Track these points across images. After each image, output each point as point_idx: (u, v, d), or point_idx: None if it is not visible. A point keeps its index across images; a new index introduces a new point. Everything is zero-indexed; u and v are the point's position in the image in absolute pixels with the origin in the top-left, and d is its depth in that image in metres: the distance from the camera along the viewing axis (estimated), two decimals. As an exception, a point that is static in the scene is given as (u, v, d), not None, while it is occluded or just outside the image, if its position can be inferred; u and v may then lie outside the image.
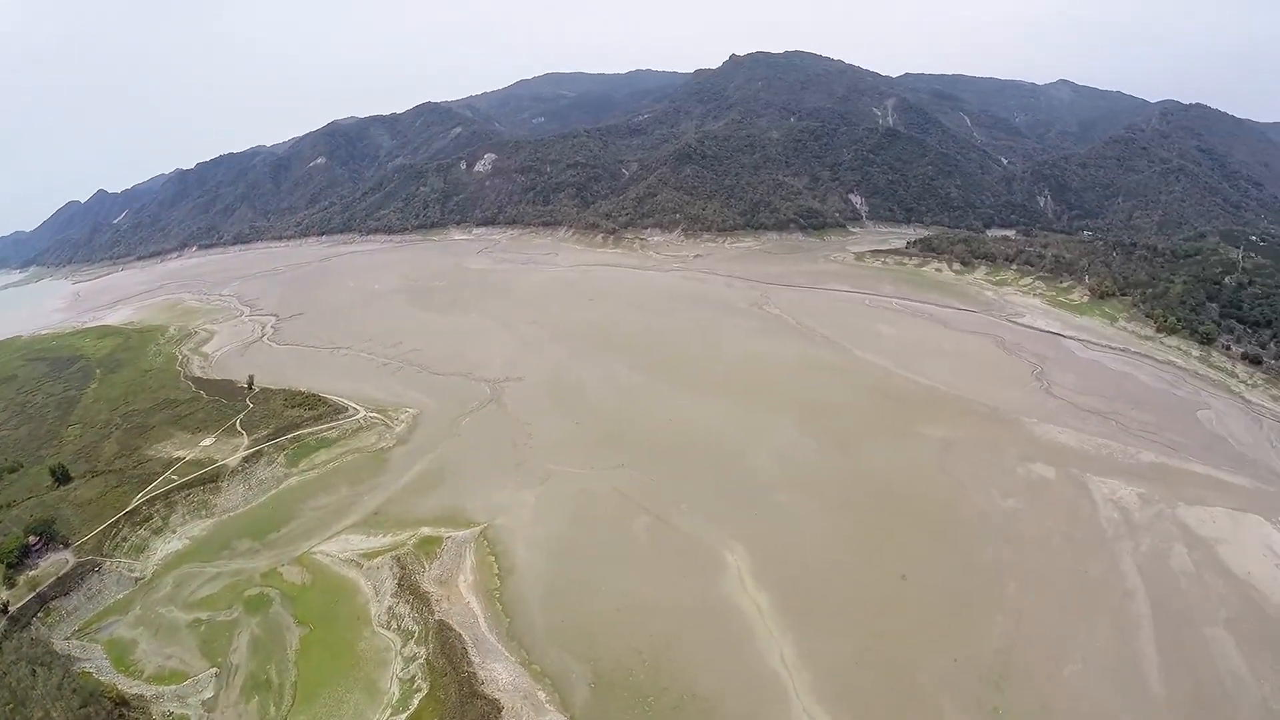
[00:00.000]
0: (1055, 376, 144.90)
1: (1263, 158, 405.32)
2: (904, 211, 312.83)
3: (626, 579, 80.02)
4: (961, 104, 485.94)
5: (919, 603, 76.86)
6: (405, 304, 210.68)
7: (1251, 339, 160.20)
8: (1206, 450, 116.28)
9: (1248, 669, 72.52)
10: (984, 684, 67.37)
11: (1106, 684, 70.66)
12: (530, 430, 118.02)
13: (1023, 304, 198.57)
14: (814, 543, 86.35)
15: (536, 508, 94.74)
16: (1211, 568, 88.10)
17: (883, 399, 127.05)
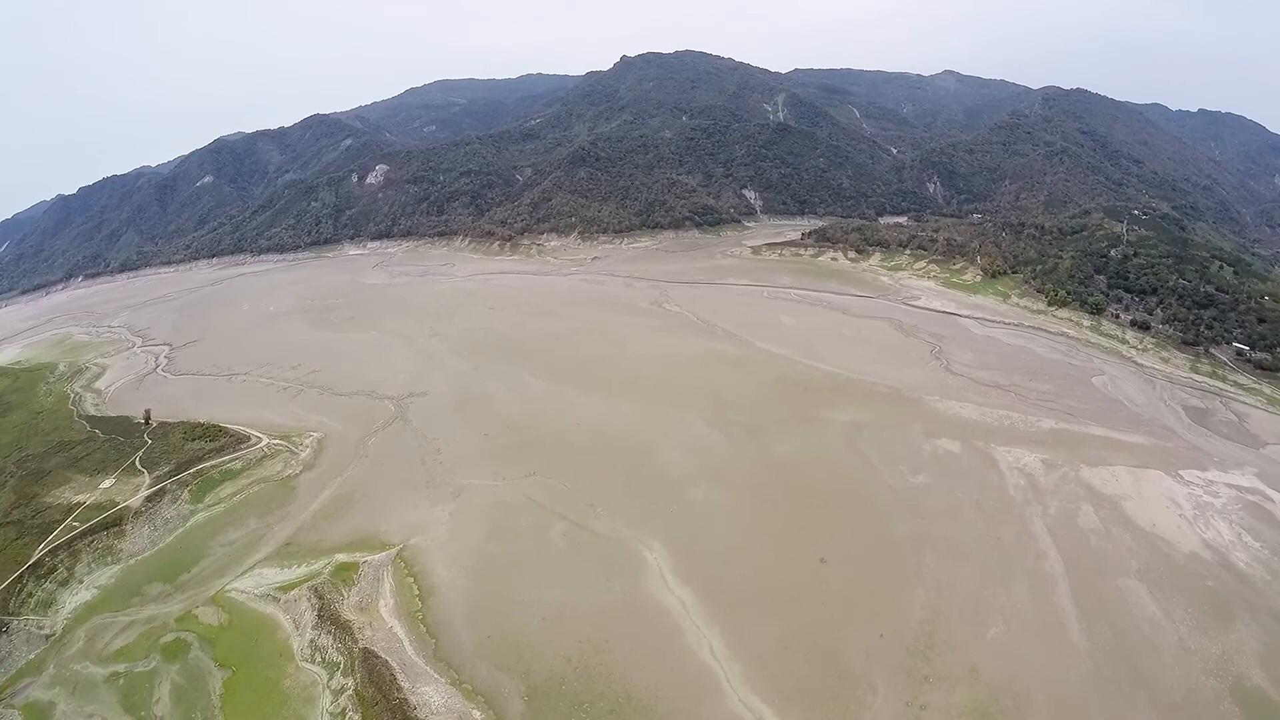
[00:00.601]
0: (954, 354, 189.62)
1: (1141, 136, 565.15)
2: (798, 204, 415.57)
3: (549, 587, 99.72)
4: (850, 97, 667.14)
5: (840, 583, 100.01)
6: (302, 324, 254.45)
7: (1139, 306, 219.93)
8: (1103, 413, 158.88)
9: (1162, 614, 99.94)
10: (912, 655, 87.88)
11: (1030, 642, 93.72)
12: (438, 445, 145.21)
13: (918, 287, 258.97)
14: (731, 534, 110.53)
15: (451, 524, 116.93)
16: (1118, 523, 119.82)
17: (788, 388, 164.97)
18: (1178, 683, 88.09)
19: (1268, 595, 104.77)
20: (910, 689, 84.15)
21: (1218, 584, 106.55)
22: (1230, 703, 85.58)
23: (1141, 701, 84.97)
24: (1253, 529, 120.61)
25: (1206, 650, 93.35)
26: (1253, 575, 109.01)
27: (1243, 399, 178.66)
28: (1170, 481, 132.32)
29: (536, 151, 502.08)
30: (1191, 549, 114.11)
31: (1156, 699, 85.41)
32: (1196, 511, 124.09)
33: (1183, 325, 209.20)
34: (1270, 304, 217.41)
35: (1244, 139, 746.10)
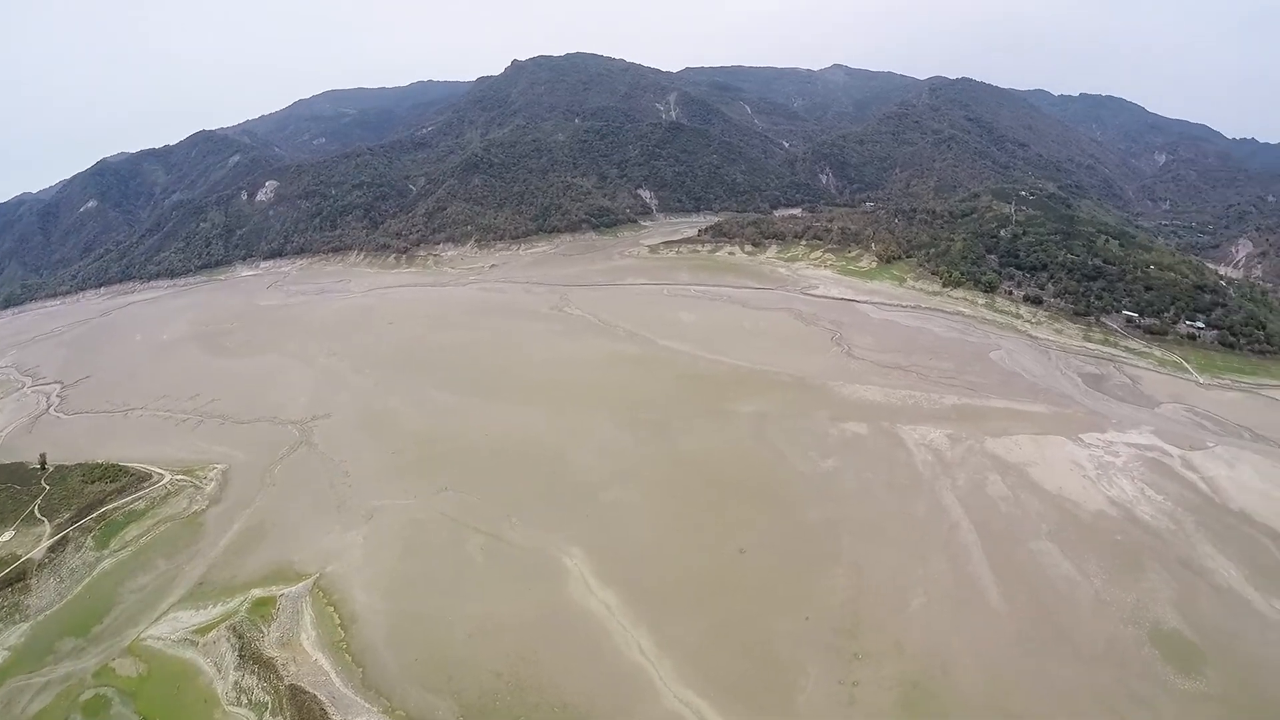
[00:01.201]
0: (854, 340, 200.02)
1: (1026, 121, 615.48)
2: (693, 201, 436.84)
3: (472, 603, 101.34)
4: (742, 94, 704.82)
5: (761, 572, 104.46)
6: (198, 352, 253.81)
7: (1031, 282, 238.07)
8: (1003, 386, 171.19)
9: (1076, 571, 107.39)
10: (839, 635, 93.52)
11: (952, 610, 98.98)
12: (346, 468, 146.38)
13: (815, 276, 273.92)
14: (649, 533, 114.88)
15: (366, 547, 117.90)
16: (1026, 489, 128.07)
17: (693, 383, 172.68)
18: (1098, 634, 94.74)
19: (1174, 544, 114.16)
20: (841, 668, 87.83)
21: (1126, 538, 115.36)
22: (1150, 647, 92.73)
23: (1065, 656, 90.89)
24: (1154, 483, 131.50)
25: (1122, 601, 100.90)
26: (1158, 526, 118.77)
27: (1135, 363, 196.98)
28: (1072, 445, 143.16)
29: (429, 160, 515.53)
30: (1098, 507, 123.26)
31: (1079, 652, 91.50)
32: (1099, 471, 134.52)
33: (1074, 297, 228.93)
34: (1155, 272, 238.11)
35: (1124, 120, 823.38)
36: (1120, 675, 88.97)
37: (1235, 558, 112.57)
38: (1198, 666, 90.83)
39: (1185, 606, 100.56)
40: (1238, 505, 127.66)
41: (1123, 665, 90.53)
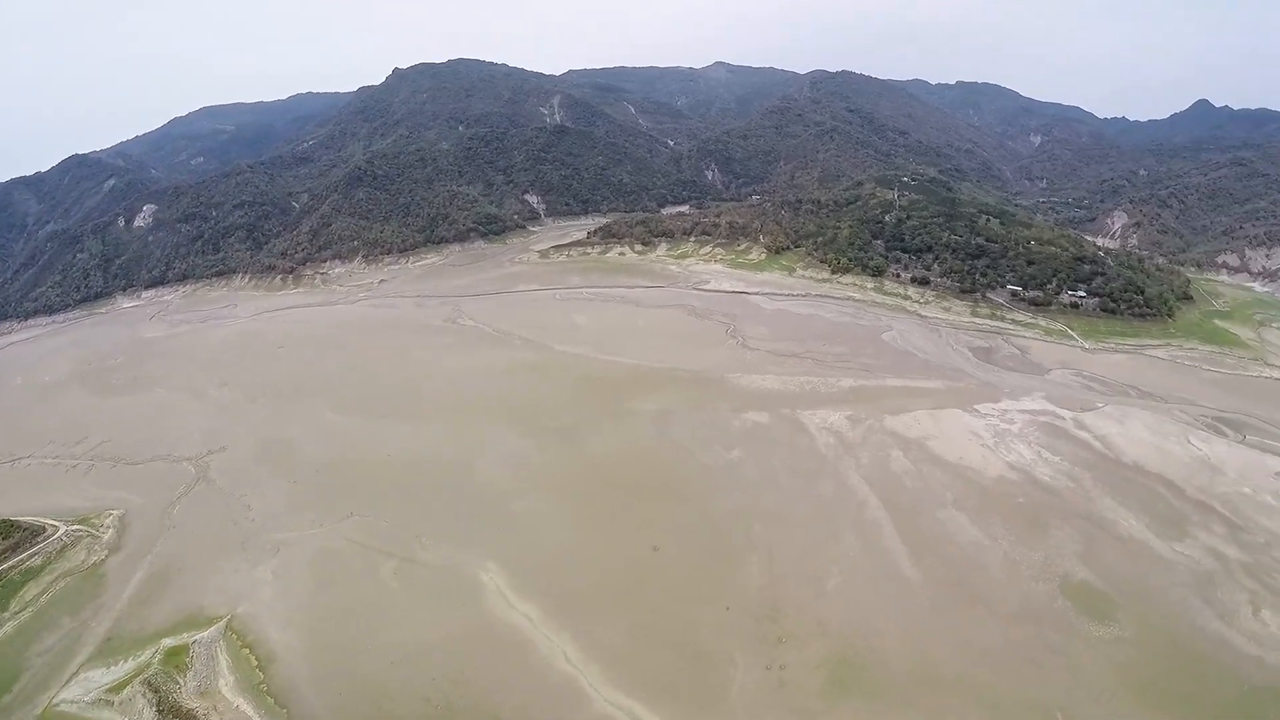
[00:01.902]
0: (749, 331, 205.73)
1: (905, 110, 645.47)
2: (581, 204, 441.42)
3: (392, 630, 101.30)
4: (625, 94, 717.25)
5: (677, 568, 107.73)
6: (83, 392, 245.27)
7: (917, 264, 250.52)
8: (897, 365, 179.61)
9: (984, 535, 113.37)
10: (761, 621, 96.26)
11: (868, 585, 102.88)
12: (247, 502, 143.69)
13: (706, 271, 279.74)
14: (563, 540, 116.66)
15: (276, 583, 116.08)
16: (928, 462, 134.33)
17: (592, 386, 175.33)
18: (1011, 593, 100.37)
19: (1075, 500, 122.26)
20: (767, 653, 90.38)
21: (1028, 499, 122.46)
22: (1062, 600, 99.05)
23: (983, 617, 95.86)
24: (1049, 445, 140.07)
25: (1031, 559, 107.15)
26: (1058, 485, 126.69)
27: (1022, 334, 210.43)
28: (968, 417, 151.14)
29: (312, 175, 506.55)
30: (998, 473, 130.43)
31: (996, 612, 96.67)
32: (996, 439, 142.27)
33: (959, 276, 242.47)
34: (1036, 247, 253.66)
35: (1000, 104, 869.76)
36: (1037, 629, 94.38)
37: (1134, 508, 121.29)
38: (1109, 613, 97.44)
39: (1091, 558, 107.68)
40: (1131, 459, 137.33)
41: (1038, 619, 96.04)
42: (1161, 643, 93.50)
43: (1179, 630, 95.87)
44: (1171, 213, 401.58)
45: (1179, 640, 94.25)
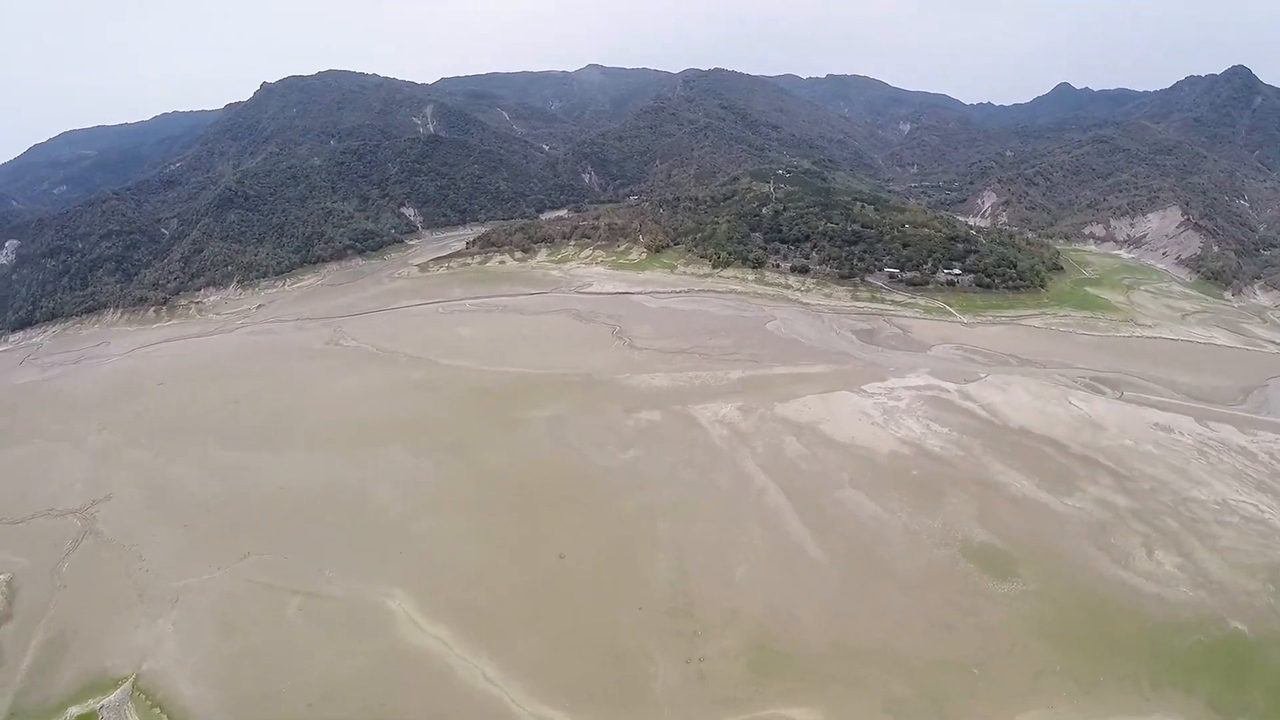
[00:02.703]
0: (635, 331, 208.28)
1: (778, 105, 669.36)
2: (458, 214, 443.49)
3: (304, 671, 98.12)
4: (499, 100, 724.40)
5: (585, 573, 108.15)
6: None
7: (796, 254, 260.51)
8: (783, 353, 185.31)
9: (883, 510, 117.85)
10: (675, 617, 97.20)
11: (776, 570, 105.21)
12: (139, 552, 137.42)
13: (588, 274, 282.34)
14: (467, 557, 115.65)
15: (179, 635, 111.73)
16: (822, 444, 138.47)
17: (482, 398, 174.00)
18: (916, 562, 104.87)
19: (965, 467, 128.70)
20: (685, 648, 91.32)
21: (921, 471, 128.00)
22: (965, 562, 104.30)
23: (891, 588, 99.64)
24: (937, 417, 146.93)
25: (930, 527, 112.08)
26: (948, 455, 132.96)
27: (902, 314, 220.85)
28: (857, 397, 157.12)
29: (181, 199, 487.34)
30: (891, 449, 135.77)
31: (903, 581, 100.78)
32: (886, 416, 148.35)
33: (838, 262, 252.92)
34: (911, 230, 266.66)
35: (870, 96, 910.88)
36: (944, 593, 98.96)
37: (1024, 469, 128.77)
38: (1011, 569, 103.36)
39: (989, 520, 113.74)
40: (1017, 423, 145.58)
41: (945, 583, 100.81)
42: (1064, 592, 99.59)
43: (1080, 579, 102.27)
44: (1039, 190, 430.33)
45: (1081, 588, 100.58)
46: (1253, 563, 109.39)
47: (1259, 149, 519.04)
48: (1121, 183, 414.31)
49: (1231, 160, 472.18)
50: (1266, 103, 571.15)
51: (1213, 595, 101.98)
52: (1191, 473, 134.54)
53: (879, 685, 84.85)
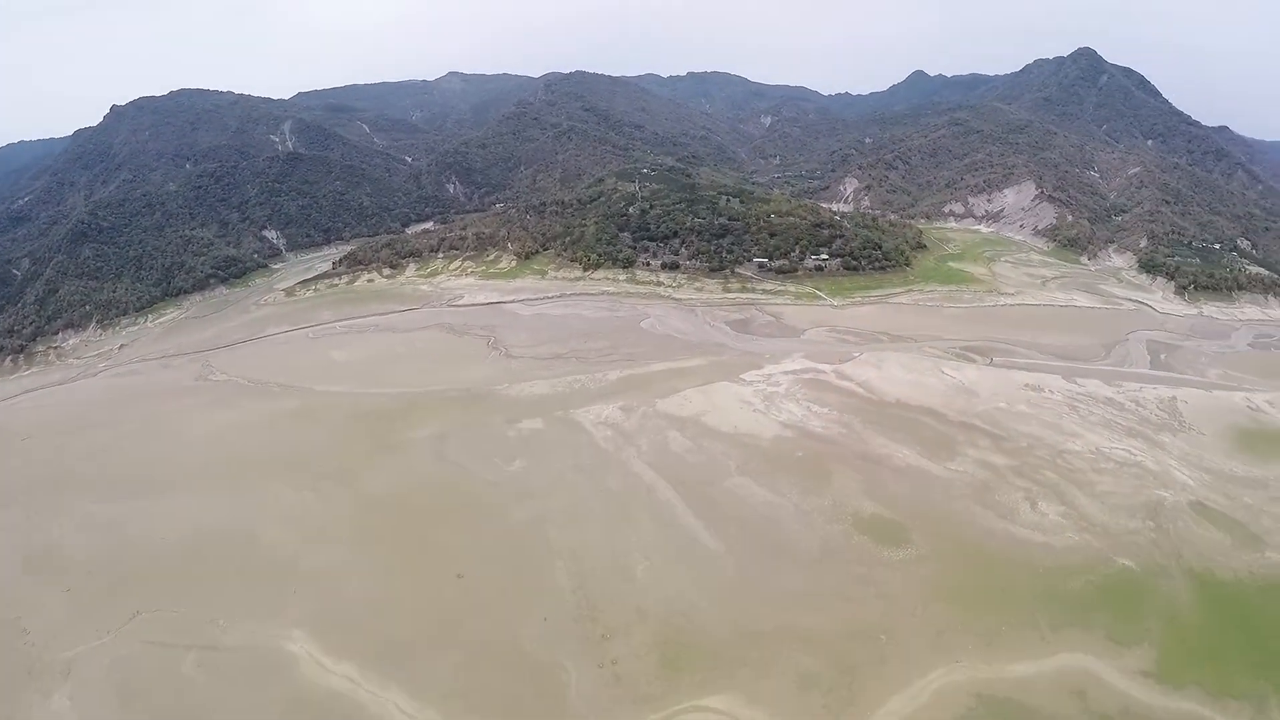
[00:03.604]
0: (510, 340, 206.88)
1: (640, 104, 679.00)
2: (323, 234, 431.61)
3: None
4: (359, 113, 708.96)
5: (486, 590, 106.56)
6: None
7: (665, 250, 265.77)
8: (660, 350, 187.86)
9: (772, 494, 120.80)
10: (581, 623, 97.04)
11: (675, 564, 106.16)
12: (22, 624, 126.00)
13: (459, 286, 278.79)
14: (364, 589, 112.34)
15: (77, 709, 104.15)
16: (706, 436, 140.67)
17: (362, 422, 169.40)
18: (810, 541, 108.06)
19: (848, 444, 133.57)
20: (595, 652, 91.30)
21: (806, 452, 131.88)
22: (858, 535, 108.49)
23: (789, 568, 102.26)
24: (816, 399, 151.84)
25: (820, 506, 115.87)
26: (830, 433, 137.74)
27: (774, 302, 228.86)
28: (736, 387, 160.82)
29: (31, 236, 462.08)
30: (774, 434, 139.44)
31: (800, 561, 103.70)
32: (767, 403, 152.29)
33: (707, 256, 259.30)
34: (776, 220, 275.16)
35: (730, 91, 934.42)
36: (842, 567, 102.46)
37: (904, 440, 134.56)
38: (904, 537, 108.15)
39: (876, 493, 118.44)
40: (893, 397, 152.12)
41: (841, 558, 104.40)
42: (957, 552, 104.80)
43: (970, 537, 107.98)
44: (898, 173, 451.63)
45: (972, 546, 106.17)
46: (1131, 503, 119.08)
47: (1106, 123, 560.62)
48: (977, 162, 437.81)
49: (1081, 135, 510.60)
50: (1112, 80, 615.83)
51: (1097, 537, 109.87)
52: (1064, 427, 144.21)
53: (790, 663, 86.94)
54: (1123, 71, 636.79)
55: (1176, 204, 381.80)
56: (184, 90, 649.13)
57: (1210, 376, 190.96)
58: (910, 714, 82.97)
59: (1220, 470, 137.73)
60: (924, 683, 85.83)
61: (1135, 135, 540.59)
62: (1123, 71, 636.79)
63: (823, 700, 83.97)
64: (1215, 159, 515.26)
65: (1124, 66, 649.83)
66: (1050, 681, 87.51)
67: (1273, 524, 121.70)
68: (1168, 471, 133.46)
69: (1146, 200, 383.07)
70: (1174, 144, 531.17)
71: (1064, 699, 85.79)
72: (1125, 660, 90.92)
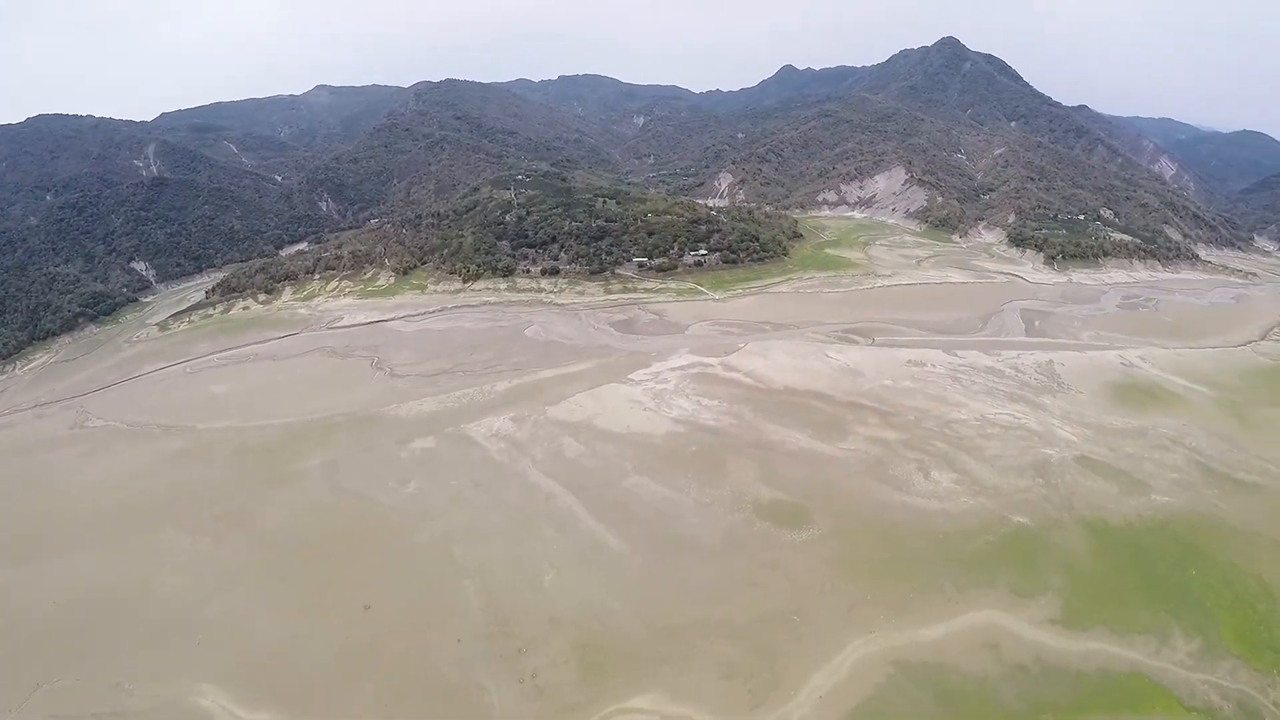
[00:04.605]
0: (394, 359, 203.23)
1: (512, 110, 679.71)
2: (194, 262, 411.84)
3: None
4: (226, 132, 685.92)
5: (395, 619, 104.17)
6: None
7: (544, 256, 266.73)
8: (546, 357, 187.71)
9: (671, 490, 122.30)
10: (496, 639, 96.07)
11: (582, 570, 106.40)
12: None
13: (338, 307, 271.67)
14: (271, 631, 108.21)
15: None
16: (600, 439, 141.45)
17: (248, 457, 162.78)
18: (713, 532, 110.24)
19: (741, 434, 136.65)
20: (514, 668, 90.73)
21: (700, 446, 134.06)
22: (760, 521, 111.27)
23: (695, 561, 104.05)
24: (706, 392, 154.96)
25: (720, 497, 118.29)
26: (722, 425, 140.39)
27: (656, 300, 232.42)
28: (625, 387, 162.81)
29: None
30: (667, 430, 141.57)
31: (706, 553, 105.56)
32: (657, 400, 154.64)
33: (587, 259, 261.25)
34: (654, 219, 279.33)
35: (602, 93, 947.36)
36: (748, 554, 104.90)
37: (795, 425, 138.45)
38: (804, 519, 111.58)
39: (773, 478, 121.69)
40: (781, 384, 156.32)
41: (746, 545, 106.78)
42: (858, 527, 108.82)
43: (869, 512, 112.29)
44: (771, 166, 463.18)
45: (872, 520, 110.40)
46: (1020, 463, 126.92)
47: (970, 108, 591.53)
48: (848, 151, 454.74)
49: (947, 120, 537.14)
50: (975, 67, 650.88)
51: (991, 499, 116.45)
52: (949, 398, 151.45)
53: (709, 655, 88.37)
54: (985, 58, 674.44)
55: (1041, 180, 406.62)
56: (41, 116, 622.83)
57: (1083, 338, 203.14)
58: (832, 689, 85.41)
59: (1101, 424, 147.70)
60: (842, 657, 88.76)
61: (999, 118, 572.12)
62: (985, 58, 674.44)
63: (746, 686, 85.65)
64: (1076, 136, 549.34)
65: (986, 53, 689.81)
66: (962, 640, 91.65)
67: (1155, 469, 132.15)
68: (1051, 430, 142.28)
69: (1012, 178, 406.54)
70: (1036, 124, 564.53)
71: (978, 655, 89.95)
72: (1031, 611, 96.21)
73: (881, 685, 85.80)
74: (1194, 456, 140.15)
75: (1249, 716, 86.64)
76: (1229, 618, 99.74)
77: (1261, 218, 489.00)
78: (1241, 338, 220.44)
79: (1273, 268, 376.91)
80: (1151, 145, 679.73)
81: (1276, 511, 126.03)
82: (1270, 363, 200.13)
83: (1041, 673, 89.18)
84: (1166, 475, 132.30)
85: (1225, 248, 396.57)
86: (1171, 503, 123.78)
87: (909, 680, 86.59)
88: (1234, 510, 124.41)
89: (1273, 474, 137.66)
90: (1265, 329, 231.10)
